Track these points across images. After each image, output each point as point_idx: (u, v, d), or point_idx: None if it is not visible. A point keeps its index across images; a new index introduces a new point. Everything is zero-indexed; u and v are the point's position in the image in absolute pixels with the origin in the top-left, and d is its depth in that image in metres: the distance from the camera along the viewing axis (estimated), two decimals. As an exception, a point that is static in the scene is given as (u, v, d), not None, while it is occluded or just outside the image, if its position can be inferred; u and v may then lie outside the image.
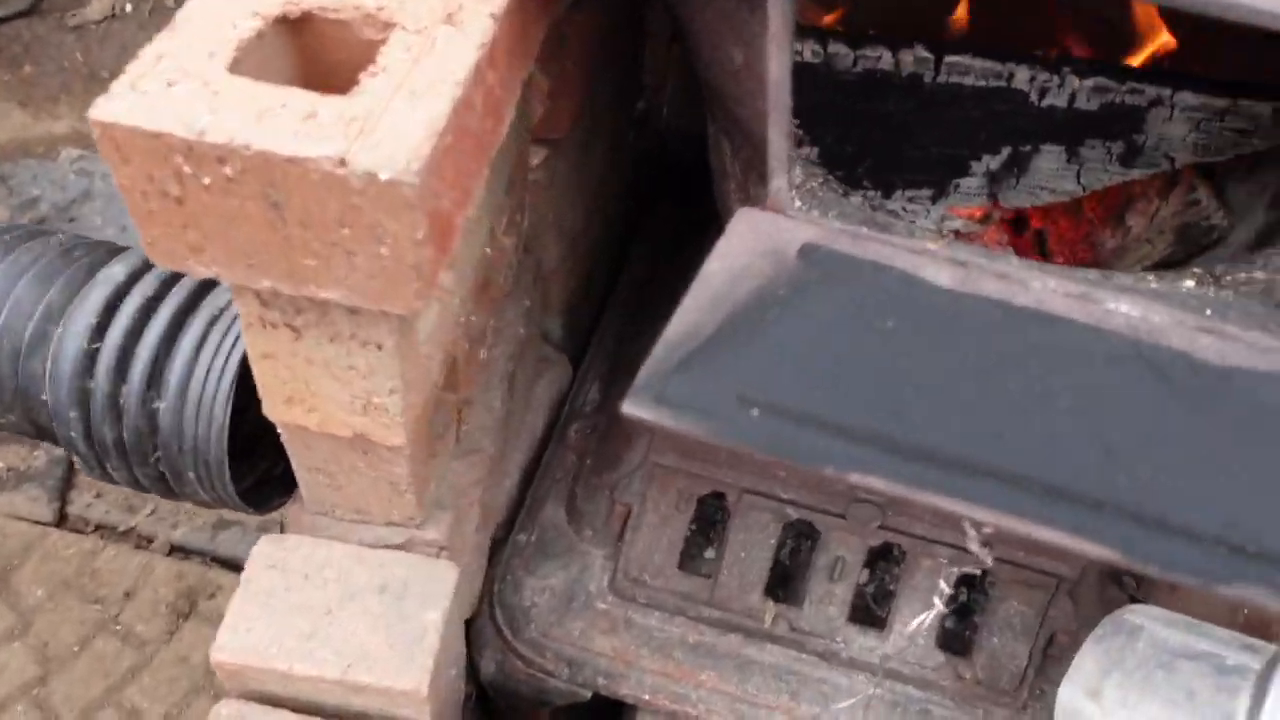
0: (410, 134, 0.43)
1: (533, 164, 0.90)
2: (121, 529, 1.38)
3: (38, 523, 1.35)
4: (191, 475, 0.69)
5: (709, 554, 0.96)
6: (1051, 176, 0.76)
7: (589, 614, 0.93)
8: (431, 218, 0.46)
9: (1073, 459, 0.44)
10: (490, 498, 0.88)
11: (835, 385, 0.44)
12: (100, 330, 0.67)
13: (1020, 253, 0.92)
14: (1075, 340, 0.50)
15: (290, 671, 0.67)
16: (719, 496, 0.95)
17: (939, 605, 0.92)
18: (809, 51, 0.68)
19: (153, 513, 1.41)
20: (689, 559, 0.99)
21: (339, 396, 0.58)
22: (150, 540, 1.38)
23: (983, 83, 0.70)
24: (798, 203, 0.55)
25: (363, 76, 0.45)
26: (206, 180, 0.43)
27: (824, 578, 0.93)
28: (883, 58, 0.69)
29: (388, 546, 0.74)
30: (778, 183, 0.54)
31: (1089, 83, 0.71)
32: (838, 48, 0.68)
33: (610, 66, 0.99)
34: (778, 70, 0.51)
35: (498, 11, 0.50)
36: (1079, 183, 0.77)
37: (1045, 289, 0.52)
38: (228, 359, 0.66)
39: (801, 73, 0.70)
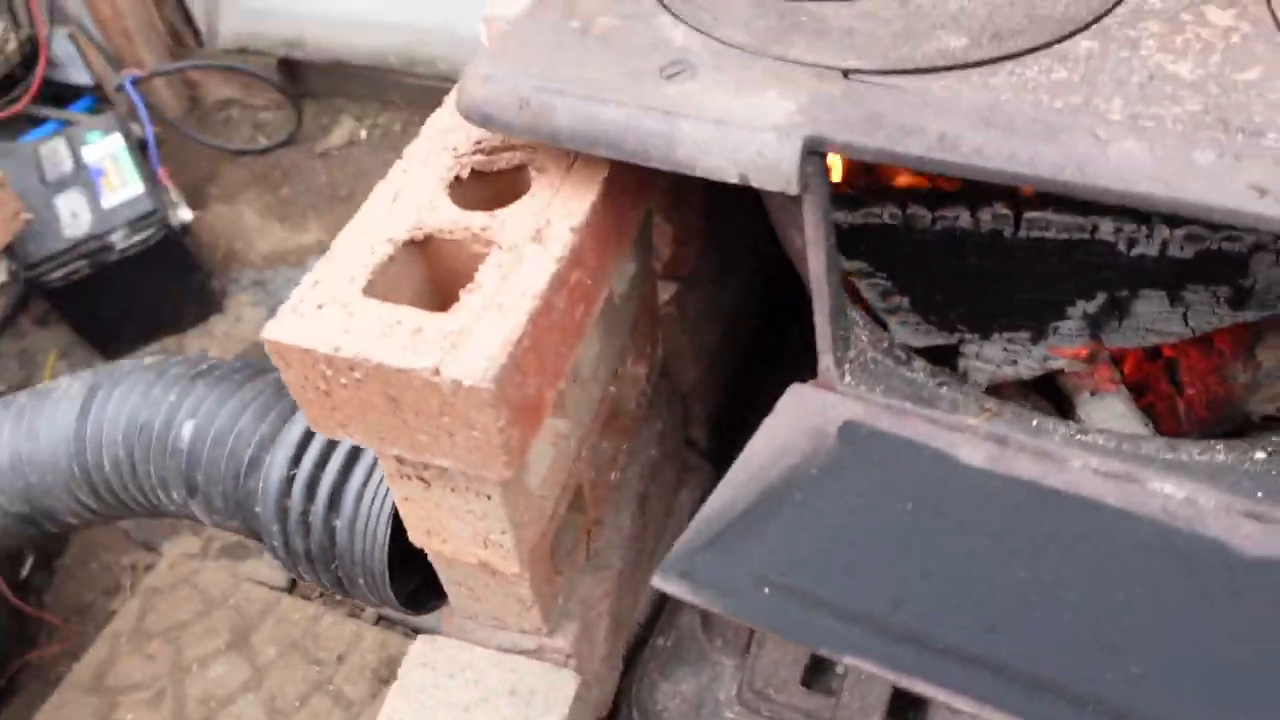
0: (490, 348, 0.54)
1: (663, 299, 1.00)
2: (339, 597, 1.59)
3: (274, 588, 1.58)
4: (361, 582, 0.83)
5: (839, 669, 1.00)
6: (1155, 319, 0.76)
7: (716, 720, 0.99)
8: (513, 408, 0.56)
9: (1066, 654, 0.47)
10: (621, 608, 0.97)
11: (844, 569, 0.50)
12: (297, 459, 0.83)
13: (1151, 382, 0.91)
14: (1102, 527, 0.52)
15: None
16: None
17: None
18: (888, 214, 0.74)
19: (365, 585, 1.60)
20: (816, 675, 1.02)
21: (463, 533, 0.70)
22: (362, 609, 1.58)
23: (1065, 235, 0.72)
24: (847, 379, 0.61)
25: (463, 293, 0.57)
26: (343, 381, 0.56)
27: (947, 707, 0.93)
28: (960, 216, 0.73)
29: (522, 651, 0.85)
30: (825, 362, 0.60)
31: (1180, 232, 0.71)
32: (915, 209, 0.73)
33: (737, 210, 1.07)
34: (817, 264, 0.58)
35: (577, 224, 0.60)
36: (1187, 324, 0.76)
37: (1085, 468, 0.55)
38: (388, 491, 0.80)
39: (883, 232, 0.76)
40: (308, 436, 0.84)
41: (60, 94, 2.39)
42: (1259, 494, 0.53)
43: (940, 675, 0.45)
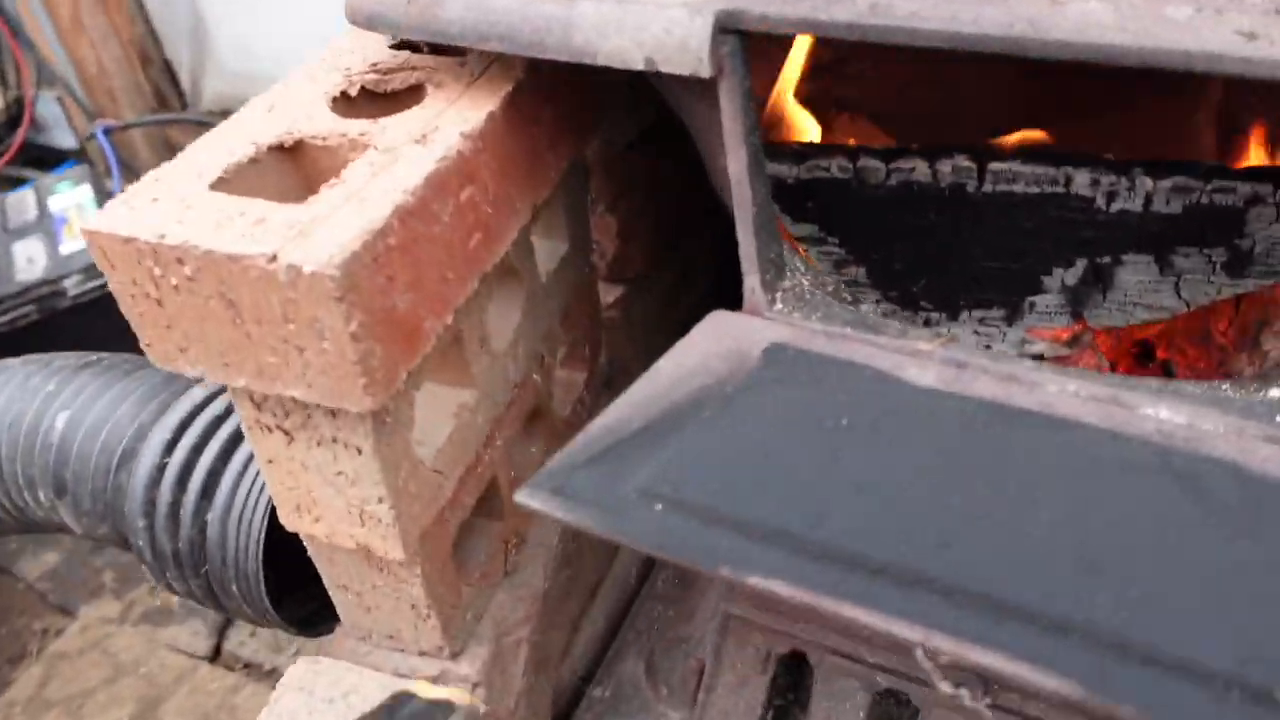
0: (342, 235, 0.45)
1: (606, 301, 0.92)
2: (267, 667, 1.44)
3: (193, 656, 1.44)
4: (235, 589, 0.71)
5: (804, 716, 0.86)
6: (1144, 291, 0.68)
7: (656, 781, 0.85)
8: (372, 316, 0.47)
9: (1039, 575, 0.36)
10: (547, 642, 0.85)
11: (755, 484, 0.40)
12: (172, 445, 0.73)
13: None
14: (1081, 446, 0.42)
15: (297, 799, 0.65)
16: (802, 658, 0.85)
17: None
18: (836, 167, 0.66)
19: (296, 653, 1.46)
20: (781, 710, 0.89)
21: (336, 504, 0.59)
22: (288, 680, 1.42)
23: (1036, 189, 0.64)
24: (778, 305, 0.52)
25: (323, 188, 0.49)
26: (174, 282, 0.47)
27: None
28: (917, 169, 0.65)
29: (421, 678, 0.72)
30: (751, 282, 0.52)
31: (1166, 183, 0.63)
32: (868, 161, 0.66)
33: (694, 205, 1.00)
34: (737, 164, 0.50)
35: (470, 131, 0.53)
36: (1179, 296, 0.68)
37: (1061, 392, 0.45)
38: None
39: (833, 189, 0.68)
40: (189, 418, 0.74)
41: (44, 157, 2.38)
42: (1278, 419, 0.43)
43: (874, 597, 0.35)
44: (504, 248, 0.60)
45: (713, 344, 0.49)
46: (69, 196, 1.95)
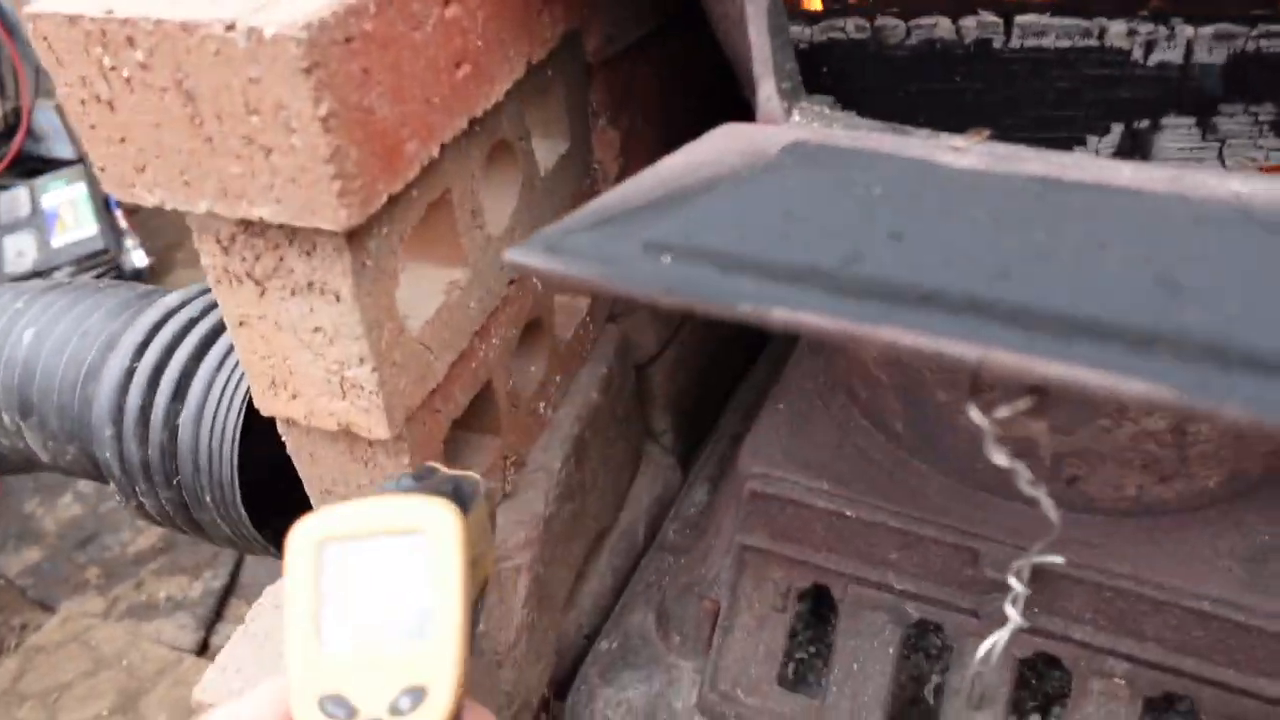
0: (311, 4, 0.40)
1: (612, 226, 0.87)
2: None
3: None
4: (209, 499, 0.66)
5: (827, 667, 0.79)
6: (1186, 158, 0.63)
7: (669, 733, 0.78)
8: (345, 106, 0.42)
9: (1115, 296, 0.30)
10: (549, 576, 0.78)
11: (782, 233, 0.34)
12: (143, 348, 0.68)
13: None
14: (1151, 206, 0.37)
15: None
16: (825, 593, 0.79)
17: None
18: (853, 26, 0.62)
19: (287, 648, 1.39)
20: (795, 672, 0.81)
21: (314, 372, 0.54)
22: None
23: (1067, 43, 0.60)
24: (796, 116, 0.47)
25: (294, -25, 0.44)
26: (125, 73, 0.43)
27: (961, 703, 0.73)
28: (939, 25, 0.61)
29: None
30: (766, 90, 0.47)
31: (1207, 30, 0.58)
32: (886, 20, 0.61)
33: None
34: (748, -49, 0.45)
35: (458, -65, 0.49)
36: (1224, 165, 0.63)
37: (1119, 172, 0.40)
38: (244, 376, 0.64)
39: (850, 52, 0.63)
40: (161, 321, 0.69)
41: (40, 168, 2.36)
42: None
43: (921, 322, 0.29)
44: (495, 93, 0.56)
45: (726, 143, 0.44)
46: (62, 193, 1.92)
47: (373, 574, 0.34)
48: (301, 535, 0.35)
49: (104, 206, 1.92)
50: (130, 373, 0.67)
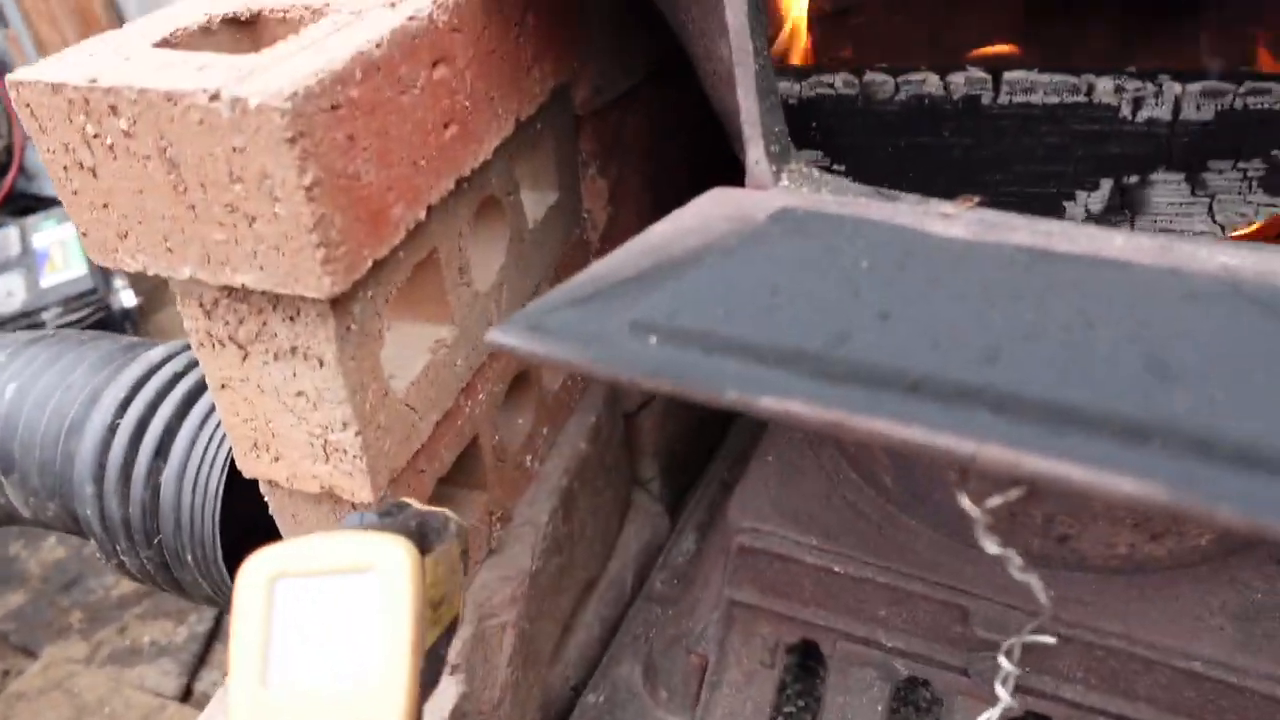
0: (297, 72, 0.40)
1: (601, 275, 0.87)
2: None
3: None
4: (190, 558, 0.65)
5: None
6: (1175, 214, 0.63)
7: (656, 791, 0.76)
8: (330, 174, 0.42)
9: (1104, 382, 0.30)
10: (535, 631, 0.77)
11: (769, 312, 0.34)
12: (126, 405, 0.67)
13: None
14: (1139, 279, 0.37)
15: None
16: (813, 648, 0.78)
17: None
18: (841, 82, 0.62)
19: (271, 695, 1.36)
20: (791, 718, 0.80)
21: (297, 436, 0.53)
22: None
23: (1055, 99, 0.60)
24: (785, 181, 0.47)
25: (279, 42, 0.44)
26: (109, 140, 0.42)
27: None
28: (928, 81, 0.61)
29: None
30: (754, 154, 0.47)
31: (1195, 87, 0.59)
32: (875, 75, 0.62)
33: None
34: (736, 16, 0.45)
35: (444, 1, 0.49)
36: (1214, 220, 0.63)
37: (1110, 241, 0.40)
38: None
39: (838, 108, 0.64)
40: (145, 377, 0.69)
41: (32, 206, 2.36)
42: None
43: (912, 413, 0.29)
44: (483, 152, 0.56)
45: (714, 209, 0.43)
46: (53, 233, 1.92)
47: (323, 613, 0.33)
48: (253, 570, 0.33)
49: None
50: (113, 429, 0.67)
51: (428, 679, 0.36)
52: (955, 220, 0.42)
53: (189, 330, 0.52)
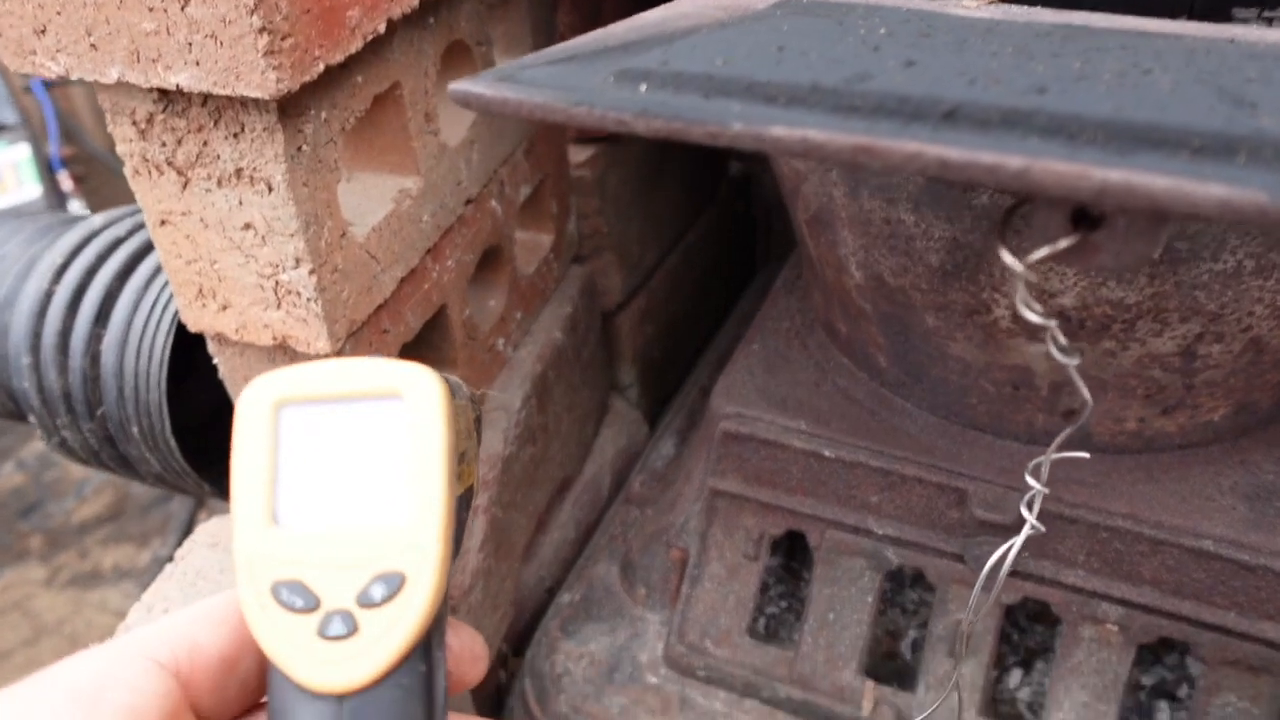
0: None
1: (576, 160, 0.82)
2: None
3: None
4: (135, 430, 0.60)
5: (802, 619, 0.75)
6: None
7: (635, 688, 0.73)
8: (273, -56, 0.37)
9: (1173, 105, 0.26)
10: (507, 521, 0.73)
11: (776, 59, 0.29)
12: (61, 271, 0.62)
13: None
14: (1192, 45, 0.32)
15: (197, 665, 0.53)
16: (799, 539, 0.74)
17: (1114, 693, 0.65)
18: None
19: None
20: (765, 628, 0.77)
21: (245, 278, 0.49)
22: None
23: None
24: (785, -17, 0.42)
25: None
26: (17, -95, 0.37)
27: (943, 651, 0.69)
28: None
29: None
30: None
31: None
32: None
33: None
34: None
35: None
36: None
37: (1157, 23, 0.36)
38: (173, 295, 0.58)
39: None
40: (83, 243, 0.63)
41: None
42: None
43: (948, 137, 0.25)
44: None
45: (708, 1, 0.39)
46: (4, 155, 1.84)
47: (340, 442, 0.27)
48: (254, 396, 0.28)
49: (47, 168, 1.84)
50: (48, 296, 0.61)
51: (457, 536, 0.30)
52: (978, 9, 0.37)
53: (123, 155, 0.46)
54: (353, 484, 0.27)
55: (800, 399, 0.71)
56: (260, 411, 0.28)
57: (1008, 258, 0.28)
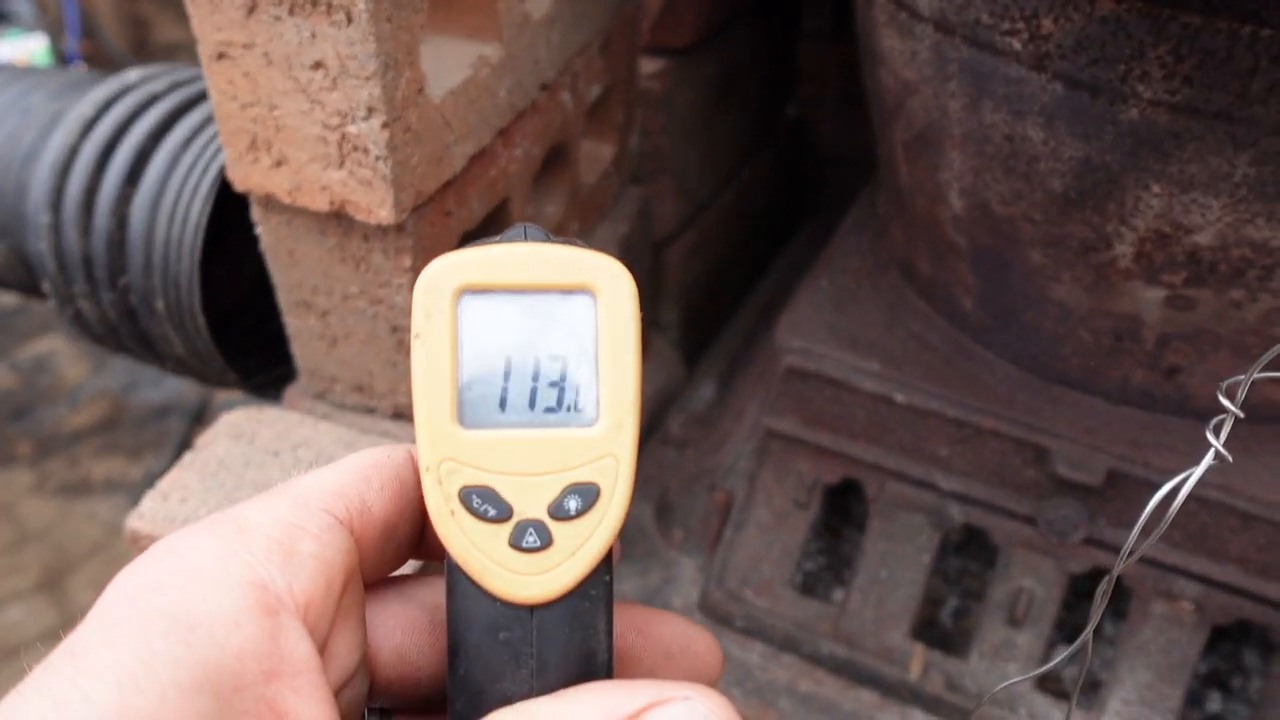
0: None
1: (647, 71, 0.76)
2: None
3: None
4: (161, 306, 0.55)
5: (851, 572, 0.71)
6: None
7: (667, 633, 0.69)
8: None
9: None
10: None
11: None
12: (91, 125, 0.56)
13: None
14: None
15: (217, 558, 0.49)
16: (854, 487, 0.70)
17: (1182, 675, 0.61)
18: None
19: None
20: (811, 576, 0.73)
21: (308, 128, 0.43)
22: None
23: None
24: None
25: None
26: None
27: (1001, 617, 0.65)
28: None
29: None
30: None
31: None
32: None
33: (751, 20, 0.87)
34: None
35: None
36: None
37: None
38: (218, 150, 0.53)
39: None
40: (116, 96, 0.58)
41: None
42: None
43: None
44: None
45: None
46: (21, 44, 1.77)
47: (528, 338, 0.25)
48: (431, 282, 0.25)
49: (62, 60, 1.77)
50: (73, 151, 0.56)
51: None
52: None
53: (183, -27, 0.41)
54: (541, 385, 0.25)
55: (871, 339, 0.67)
56: (439, 300, 0.25)
57: None
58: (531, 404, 0.25)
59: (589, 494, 0.25)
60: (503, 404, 0.25)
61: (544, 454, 0.25)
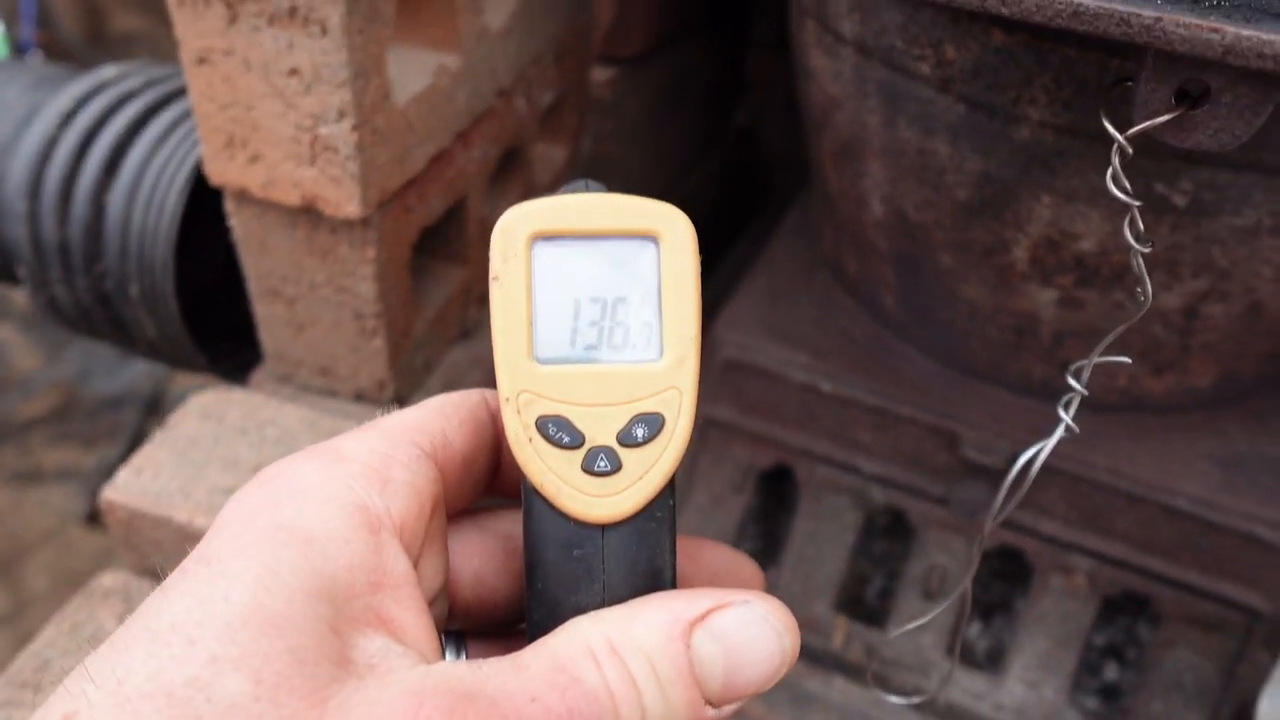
0: None
1: (598, 79, 0.81)
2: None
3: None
4: (136, 292, 0.58)
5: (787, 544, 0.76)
6: None
7: (610, 606, 0.73)
8: None
9: None
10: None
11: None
12: (70, 117, 0.60)
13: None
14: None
15: (190, 525, 0.52)
16: (786, 474, 0.75)
17: (1076, 642, 0.67)
18: None
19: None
20: (752, 546, 0.78)
21: (282, 129, 0.47)
22: (174, 552, 1.27)
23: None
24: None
25: None
26: None
27: (916, 591, 0.71)
28: None
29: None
30: None
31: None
32: None
33: (699, 31, 0.92)
34: None
35: None
36: None
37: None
38: (195, 144, 0.57)
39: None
40: (94, 90, 0.61)
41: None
42: None
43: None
44: None
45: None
46: (-31, 27, 1.75)
47: (597, 279, 0.28)
48: (507, 229, 0.28)
49: (17, 49, 1.76)
50: (52, 141, 0.59)
51: None
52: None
53: (169, -16, 0.45)
54: (611, 322, 0.28)
55: (802, 334, 0.72)
56: (514, 244, 0.28)
57: (1109, 128, 0.29)
58: (600, 340, 0.28)
59: (655, 423, 0.27)
60: (573, 340, 0.28)
61: (612, 386, 0.27)
